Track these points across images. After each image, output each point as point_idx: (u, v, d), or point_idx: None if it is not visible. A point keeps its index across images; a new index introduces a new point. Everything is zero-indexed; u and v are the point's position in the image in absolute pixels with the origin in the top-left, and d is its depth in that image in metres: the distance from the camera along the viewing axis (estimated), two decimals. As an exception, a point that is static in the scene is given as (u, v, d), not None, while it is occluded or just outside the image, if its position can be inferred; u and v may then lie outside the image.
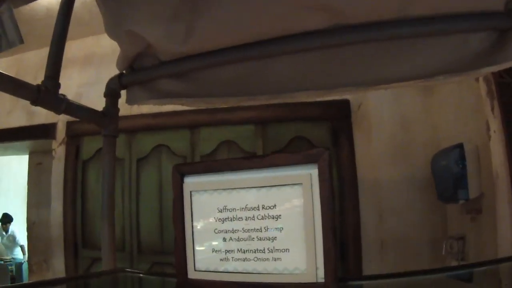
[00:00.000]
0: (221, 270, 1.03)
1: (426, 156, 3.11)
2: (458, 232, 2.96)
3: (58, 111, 1.48)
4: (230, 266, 1.02)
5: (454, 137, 2.93)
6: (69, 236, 3.96)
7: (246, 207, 1.01)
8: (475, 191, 2.68)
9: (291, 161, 0.98)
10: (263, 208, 0.99)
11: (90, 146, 3.99)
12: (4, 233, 6.97)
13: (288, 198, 0.97)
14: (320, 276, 0.93)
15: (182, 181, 1.09)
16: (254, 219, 1.00)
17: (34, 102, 1.39)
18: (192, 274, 1.06)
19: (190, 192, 1.07)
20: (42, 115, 4.23)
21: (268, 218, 0.98)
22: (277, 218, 0.98)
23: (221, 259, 1.04)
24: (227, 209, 1.03)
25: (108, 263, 1.55)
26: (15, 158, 5.81)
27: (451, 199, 2.85)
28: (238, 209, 1.02)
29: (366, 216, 3.31)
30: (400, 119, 3.35)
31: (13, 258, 6.77)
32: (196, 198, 1.07)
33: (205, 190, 1.06)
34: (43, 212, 4.48)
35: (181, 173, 1.10)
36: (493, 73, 2.46)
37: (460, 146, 2.73)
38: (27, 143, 4.62)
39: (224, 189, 1.04)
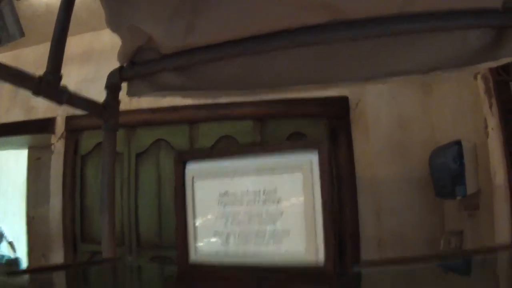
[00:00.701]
0: (222, 254, 1.04)
1: (424, 154, 3.12)
2: (456, 228, 2.98)
3: (60, 102, 1.49)
4: (231, 250, 1.03)
5: (452, 135, 2.95)
6: (68, 231, 3.96)
7: (247, 192, 1.02)
8: (472, 188, 2.70)
9: (292, 147, 1.00)
10: (264, 193, 1.01)
11: (89, 140, 3.98)
12: None
13: (288, 183, 0.99)
14: (320, 258, 0.94)
15: (184, 168, 1.10)
16: (255, 204, 1.01)
17: (36, 93, 1.40)
18: (193, 259, 1.07)
19: (192, 178, 1.09)
20: (40, 110, 4.22)
21: (269, 203, 1.00)
22: (277, 202, 1.00)
23: (222, 243, 1.05)
24: (229, 194, 1.04)
25: (109, 252, 1.56)
26: (12, 154, 5.79)
27: (449, 195, 2.87)
28: (239, 194, 1.03)
29: (364, 214, 3.31)
30: (398, 117, 3.36)
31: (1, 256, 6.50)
32: (198, 184, 1.09)
33: (207, 176, 1.08)
34: (42, 207, 4.47)
35: (183, 160, 1.11)
36: (491, 71, 2.48)
37: (458, 143, 2.75)
38: (25, 138, 4.61)
39: (225, 175, 1.05)
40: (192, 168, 1.10)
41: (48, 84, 1.43)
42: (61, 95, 1.48)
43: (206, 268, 1.05)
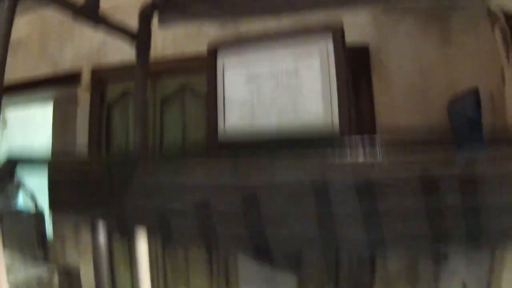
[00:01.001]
0: (248, 130, 1.15)
1: (444, 103, 3.15)
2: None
3: (98, 23, 1.59)
4: (257, 126, 1.14)
5: (471, 84, 2.97)
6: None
7: (271, 73, 1.12)
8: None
9: (310, 28, 1.09)
10: (285, 71, 1.11)
11: (115, 91, 4.08)
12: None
13: (307, 61, 1.09)
14: (335, 125, 1.05)
15: (215, 57, 1.21)
16: (278, 81, 1.12)
17: (76, 14, 1.50)
18: (222, 137, 1.18)
19: (223, 65, 1.19)
20: (66, 63, 4.33)
21: (290, 79, 1.10)
22: (297, 80, 1.10)
23: (249, 121, 1.16)
24: (254, 75, 1.15)
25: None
26: (38, 109, 5.88)
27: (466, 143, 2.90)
28: (264, 73, 1.13)
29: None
30: (418, 67, 3.37)
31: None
32: (227, 70, 1.19)
33: (235, 62, 1.18)
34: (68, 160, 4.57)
35: (214, 48, 1.21)
36: (508, 23, 2.52)
37: (475, 91, 2.78)
38: (51, 92, 4.70)
39: (251, 60, 1.15)
40: (222, 57, 1.20)
41: (88, 9, 1.52)
42: (99, 18, 1.58)
43: (233, 145, 1.15)
